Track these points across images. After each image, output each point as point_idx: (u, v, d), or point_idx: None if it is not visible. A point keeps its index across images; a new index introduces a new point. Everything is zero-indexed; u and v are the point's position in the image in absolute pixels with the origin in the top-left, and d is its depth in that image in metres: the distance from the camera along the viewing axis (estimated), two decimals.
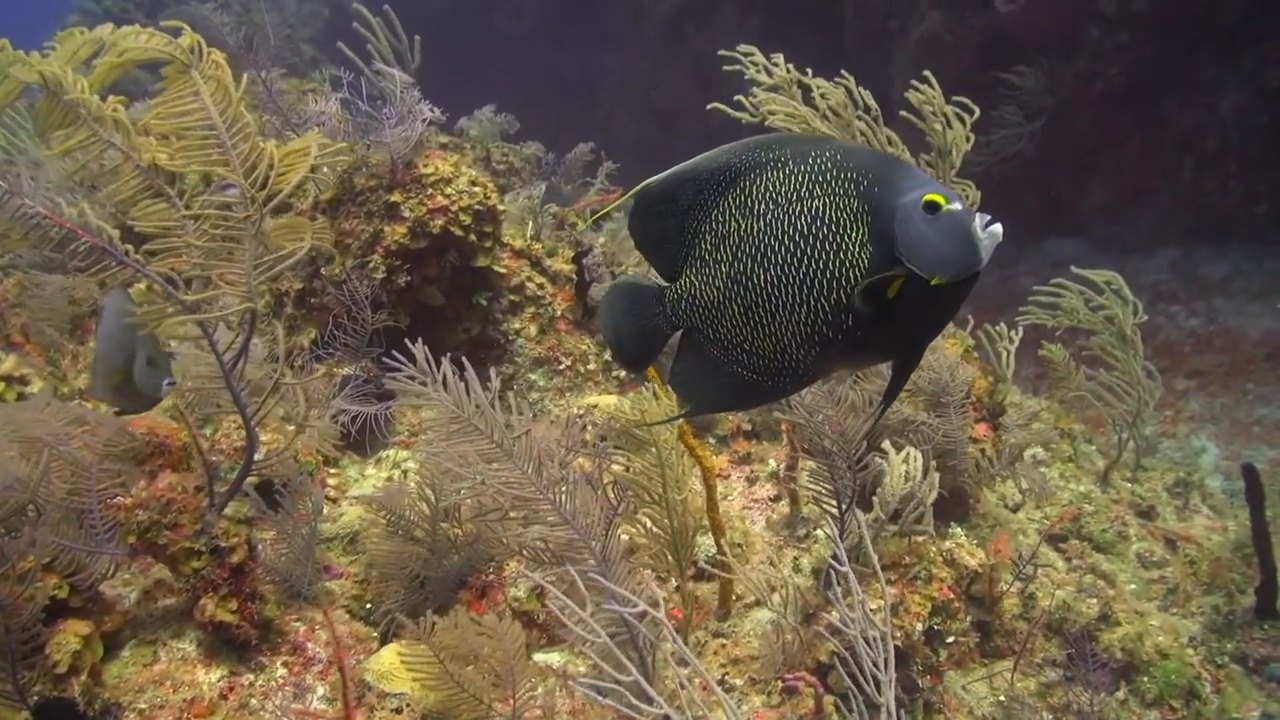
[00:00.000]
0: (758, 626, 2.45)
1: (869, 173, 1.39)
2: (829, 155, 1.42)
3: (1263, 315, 6.97)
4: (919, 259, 1.35)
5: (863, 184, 1.39)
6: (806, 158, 1.43)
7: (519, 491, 1.99)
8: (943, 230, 1.33)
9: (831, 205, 1.40)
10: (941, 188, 1.36)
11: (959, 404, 3.01)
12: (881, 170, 1.40)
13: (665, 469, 2.06)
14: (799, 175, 1.43)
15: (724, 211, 1.46)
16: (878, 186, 1.38)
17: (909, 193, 1.36)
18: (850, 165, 1.40)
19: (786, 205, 1.43)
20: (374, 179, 3.46)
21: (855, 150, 1.43)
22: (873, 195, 1.39)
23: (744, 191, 1.46)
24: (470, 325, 3.65)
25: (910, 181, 1.38)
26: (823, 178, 1.41)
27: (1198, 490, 4.40)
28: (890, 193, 1.38)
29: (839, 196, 1.40)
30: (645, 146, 11.57)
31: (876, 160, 1.42)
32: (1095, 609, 2.50)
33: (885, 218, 1.37)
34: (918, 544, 2.37)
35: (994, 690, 2.44)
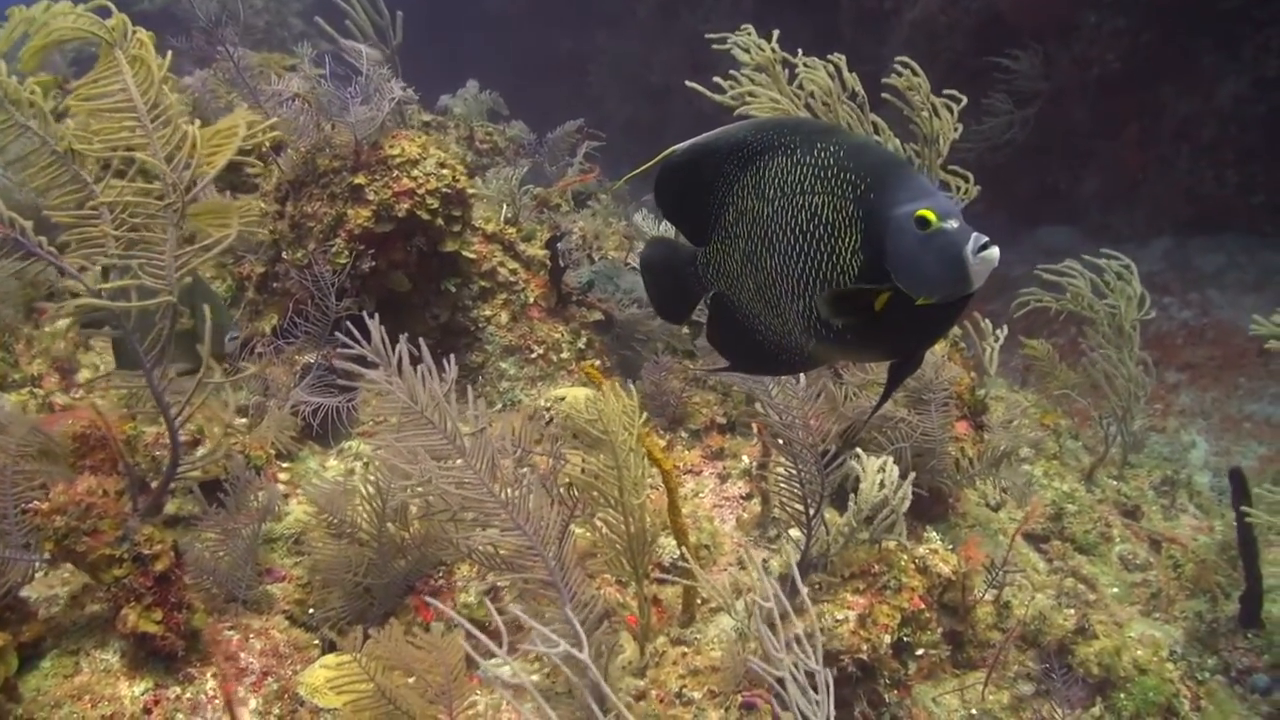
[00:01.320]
0: (722, 634, 2.35)
1: (868, 177, 1.33)
2: (833, 151, 1.37)
3: (1257, 309, 6.78)
4: (906, 277, 1.29)
5: (860, 188, 1.33)
6: (813, 149, 1.38)
7: (470, 493, 1.89)
8: (933, 249, 1.26)
9: (829, 206, 1.36)
10: (940, 201, 1.28)
11: (941, 402, 2.91)
12: (881, 175, 1.33)
13: (622, 471, 1.95)
14: (804, 167, 1.39)
15: (743, 188, 1.45)
16: (874, 193, 1.32)
17: (904, 204, 1.29)
18: (851, 165, 1.35)
19: (791, 197, 1.40)
20: (338, 160, 3.33)
21: (860, 148, 1.37)
22: (868, 201, 1.33)
23: (758, 173, 1.44)
24: (438, 312, 3.53)
25: (907, 191, 1.31)
26: (824, 174, 1.37)
27: (1185, 489, 4.33)
28: (885, 201, 1.32)
29: (837, 198, 1.35)
30: (638, 126, 11.42)
31: (878, 163, 1.35)
32: (1072, 621, 2.41)
33: (878, 227, 1.31)
34: (888, 551, 2.27)
35: (965, 703, 2.35)
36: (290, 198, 3.43)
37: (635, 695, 2.10)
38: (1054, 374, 4.17)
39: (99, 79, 1.76)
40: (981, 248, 1.23)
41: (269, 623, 2.03)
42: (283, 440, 2.94)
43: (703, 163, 1.47)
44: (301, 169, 3.40)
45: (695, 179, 1.48)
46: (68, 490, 1.74)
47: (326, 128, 3.38)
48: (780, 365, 1.55)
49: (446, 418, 1.89)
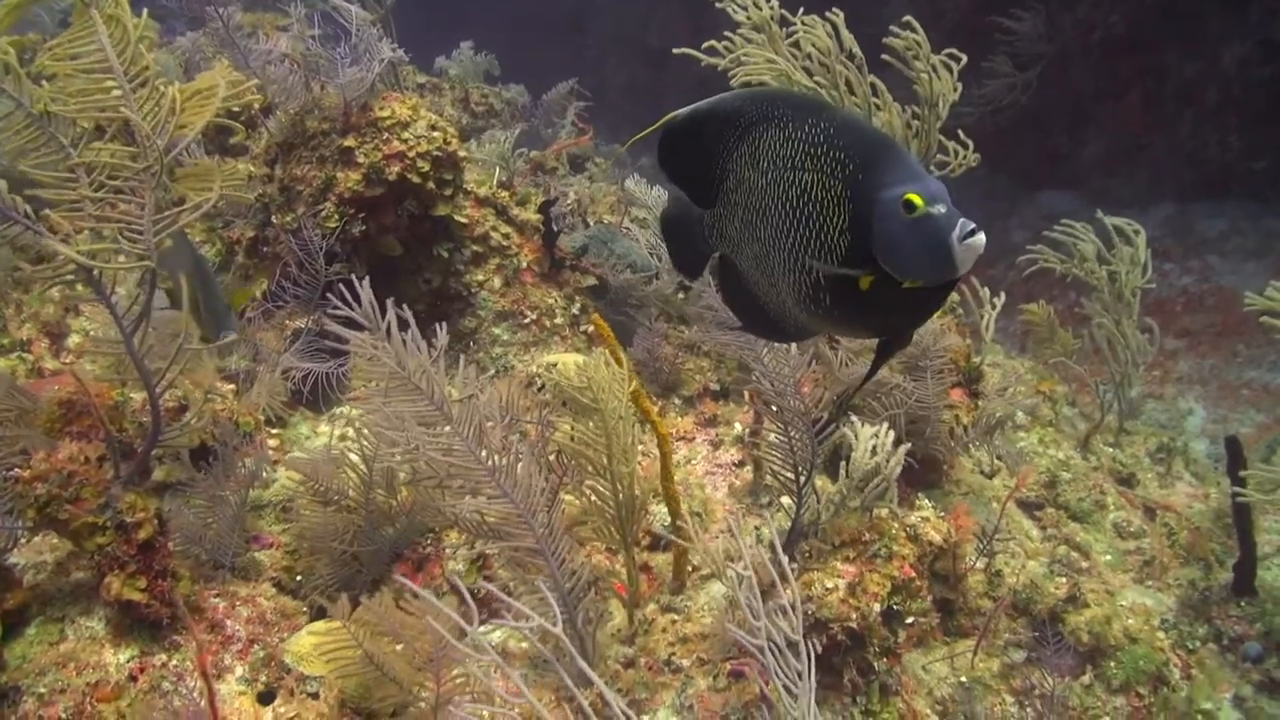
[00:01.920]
0: (712, 601, 2.35)
1: (857, 156, 1.32)
2: (823, 128, 1.36)
3: (1258, 275, 6.81)
4: (891, 260, 1.29)
5: (849, 167, 1.32)
6: (804, 124, 1.38)
7: (457, 460, 1.87)
8: (919, 234, 1.25)
9: (818, 184, 1.35)
10: (928, 184, 1.27)
11: (936, 369, 2.89)
12: (869, 155, 1.32)
13: (611, 438, 1.93)
14: (795, 142, 1.38)
15: (740, 157, 1.46)
16: (862, 174, 1.31)
17: (892, 186, 1.28)
18: (840, 144, 1.34)
19: (782, 171, 1.40)
20: (327, 122, 3.29)
21: (850, 126, 1.36)
22: (856, 182, 1.32)
23: (754, 144, 1.44)
24: (431, 277, 3.50)
25: (895, 173, 1.30)
26: (814, 151, 1.36)
27: (1181, 456, 4.31)
28: (873, 183, 1.31)
29: (826, 176, 1.35)
30: (637, 89, 11.30)
31: (867, 142, 1.34)
32: (1064, 589, 2.40)
33: (865, 208, 1.31)
34: (879, 519, 2.25)
35: (955, 671, 2.35)
36: (279, 161, 3.39)
37: (624, 663, 2.10)
38: (1053, 339, 4.14)
39: (74, 38, 1.72)
40: (968, 234, 1.22)
41: (256, 590, 2.02)
42: (274, 406, 2.92)
43: (703, 129, 1.47)
44: (290, 131, 3.35)
45: (697, 144, 1.48)
46: (49, 457, 1.72)
47: (316, 89, 3.33)
48: (779, 332, 1.57)
49: (434, 384, 1.86)
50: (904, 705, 2.18)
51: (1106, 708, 2.21)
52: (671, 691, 2.03)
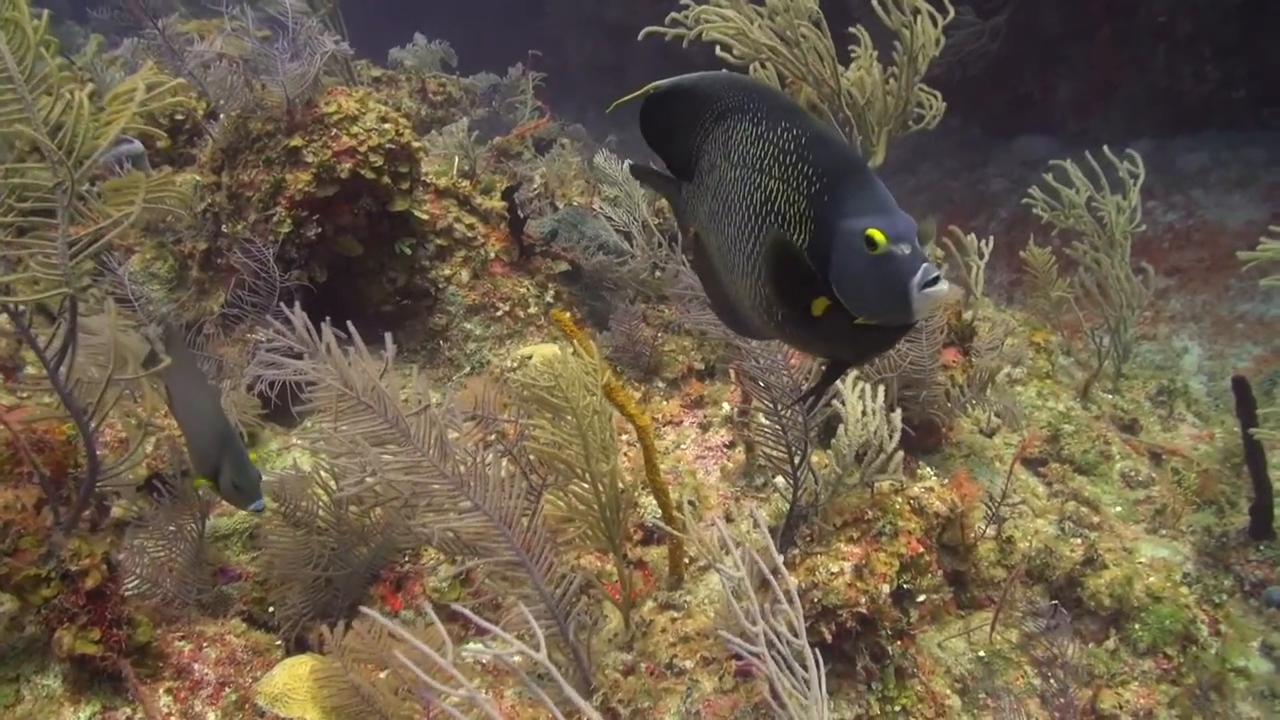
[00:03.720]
0: (713, 594, 2.23)
1: (824, 176, 1.25)
2: (794, 136, 1.28)
3: (1243, 206, 6.72)
4: (846, 293, 1.23)
5: (815, 186, 1.25)
6: (778, 125, 1.30)
7: (421, 478, 1.74)
8: (878, 273, 1.18)
9: (782, 195, 1.28)
10: (894, 221, 1.19)
11: (930, 329, 2.76)
12: (837, 177, 1.24)
13: (586, 436, 1.80)
14: (766, 144, 1.31)
15: (714, 142, 1.39)
16: (828, 195, 1.24)
17: (856, 215, 1.21)
18: (810, 158, 1.26)
19: (750, 171, 1.33)
20: (271, 123, 3.13)
21: (821, 139, 1.27)
22: (820, 203, 1.24)
23: (727, 133, 1.37)
24: (395, 275, 3.35)
25: (862, 202, 1.22)
26: (783, 160, 1.28)
27: (1181, 397, 4.21)
28: (837, 207, 1.23)
29: (791, 190, 1.27)
30: (599, 68, 11.12)
31: (837, 162, 1.26)
32: (1080, 551, 2.29)
33: (826, 233, 1.24)
34: (881, 494, 2.13)
35: (972, 645, 2.23)
36: (225, 167, 3.23)
37: (623, 670, 1.98)
38: (1049, 284, 4.01)
39: None
40: (930, 282, 1.15)
41: (224, 628, 1.89)
42: (247, 421, 2.79)
43: (682, 104, 1.41)
44: (234, 135, 3.19)
45: (676, 118, 1.42)
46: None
47: (257, 88, 3.17)
48: (740, 325, 1.52)
49: (385, 401, 1.73)
50: (922, 687, 2.07)
51: (1134, 672, 2.10)
52: (676, 697, 1.91)
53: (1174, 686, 2.10)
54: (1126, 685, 2.09)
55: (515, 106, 6.13)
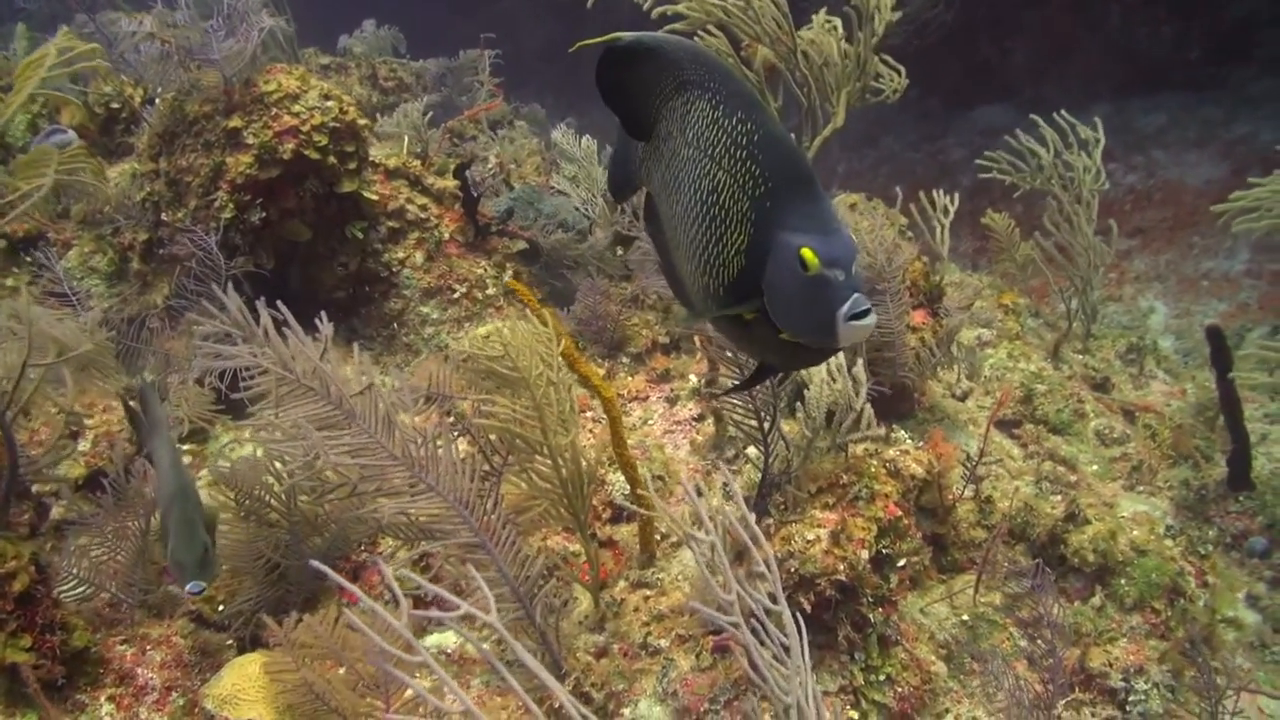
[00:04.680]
0: (687, 570, 2.14)
1: (769, 181, 1.19)
2: (749, 130, 1.22)
3: (1201, 164, 6.73)
4: (774, 306, 1.19)
5: (759, 190, 1.20)
6: (734, 114, 1.24)
7: (369, 459, 1.63)
8: (807, 294, 1.14)
9: (729, 190, 1.23)
10: (832, 242, 1.14)
11: (895, 290, 2.69)
12: (783, 184, 1.19)
13: (543, 409, 1.71)
14: (720, 132, 1.25)
15: (674, 111, 1.32)
16: (769, 201, 1.19)
17: (795, 230, 1.16)
18: (760, 158, 1.20)
19: (702, 156, 1.27)
20: (209, 104, 2.99)
21: (774, 141, 1.21)
22: (762, 209, 1.20)
23: (685, 107, 1.31)
24: (346, 260, 3.24)
25: (803, 216, 1.17)
26: (734, 153, 1.23)
27: (1151, 355, 4.19)
28: (777, 218, 1.18)
29: (736, 187, 1.22)
30: (555, 51, 10.95)
31: (786, 168, 1.20)
32: (1060, 508, 2.22)
33: (764, 240, 1.19)
34: (856, 458, 2.06)
35: (955, 610, 2.17)
36: (163, 153, 3.09)
37: (595, 652, 1.89)
38: (1011, 248, 3.97)
39: None
40: (857, 314, 1.12)
41: (170, 629, 1.78)
42: (202, 416, 2.66)
43: (645, 65, 1.34)
44: (170, 119, 3.06)
45: (635, 77, 1.35)
46: None
47: (193, 69, 3.03)
48: (685, 299, 1.46)
49: (328, 381, 1.62)
50: (906, 655, 2.00)
51: (1123, 628, 2.05)
52: (651, 678, 1.82)
53: (1163, 641, 2.04)
54: (1115, 642, 2.04)
55: (470, 88, 6.00)
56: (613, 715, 1.79)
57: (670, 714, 1.77)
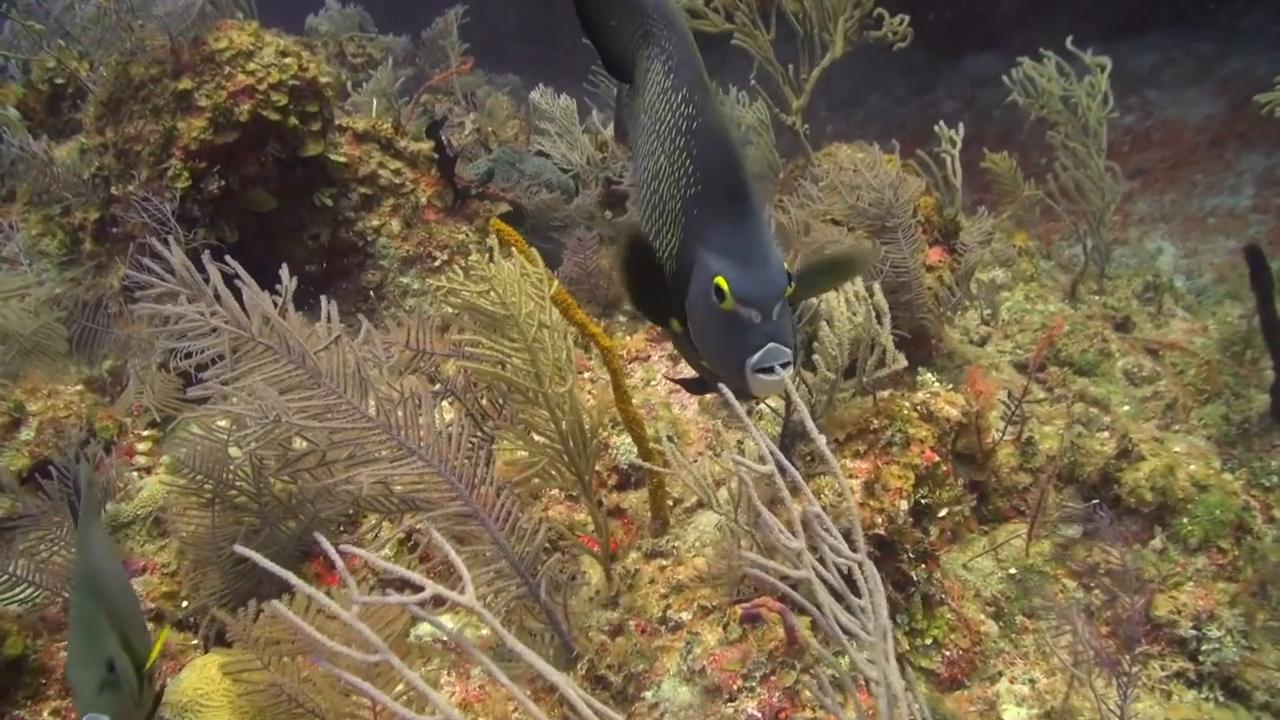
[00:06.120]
0: (704, 535, 1.94)
1: (701, 184, 0.99)
2: (688, 115, 1.02)
3: (1199, 101, 6.53)
4: (693, 329, 1.01)
5: (689, 191, 1.00)
6: (678, 92, 1.03)
7: (340, 423, 1.42)
8: (720, 329, 0.96)
9: (666, 182, 1.03)
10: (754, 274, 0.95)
11: (907, 226, 2.48)
12: (709, 190, 0.99)
13: (535, 352, 1.50)
14: (665, 108, 1.05)
15: (642, 63, 1.13)
16: (698, 209, 0.99)
17: (716, 251, 0.96)
18: (694, 153, 1.00)
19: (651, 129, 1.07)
20: (155, 65, 2.76)
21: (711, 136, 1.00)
22: (690, 214, 1.00)
23: (646, 63, 1.11)
24: (317, 230, 3.02)
25: (721, 234, 0.97)
26: (673, 139, 1.03)
27: (1169, 292, 4.00)
28: (703, 231, 0.98)
29: (671, 180, 1.02)
30: (528, 32, 10.70)
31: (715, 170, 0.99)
32: (1111, 445, 2.03)
33: (689, 249, 1.00)
34: (886, 401, 1.85)
35: (1001, 563, 1.97)
36: (110, 123, 2.86)
37: (610, 630, 1.69)
38: (1016, 189, 3.77)
39: None
40: (765, 369, 0.94)
41: None
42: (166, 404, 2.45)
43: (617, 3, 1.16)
44: (115, 85, 2.83)
45: (610, 15, 1.18)
46: None
47: (136, 28, 2.80)
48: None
49: (287, 335, 1.41)
50: (953, 615, 1.80)
51: (1188, 571, 1.85)
52: (674, 655, 1.62)
53: (1232, 583, 1.85)
54: (1180, 587, 1.84)
55: (443, 58, 5.77)
56: (633, 699, 1.59)
57: (698, 694, 1.57)
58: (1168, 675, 1.78)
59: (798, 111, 3.00)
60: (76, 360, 2.69)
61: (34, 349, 2.23)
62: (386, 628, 1.41)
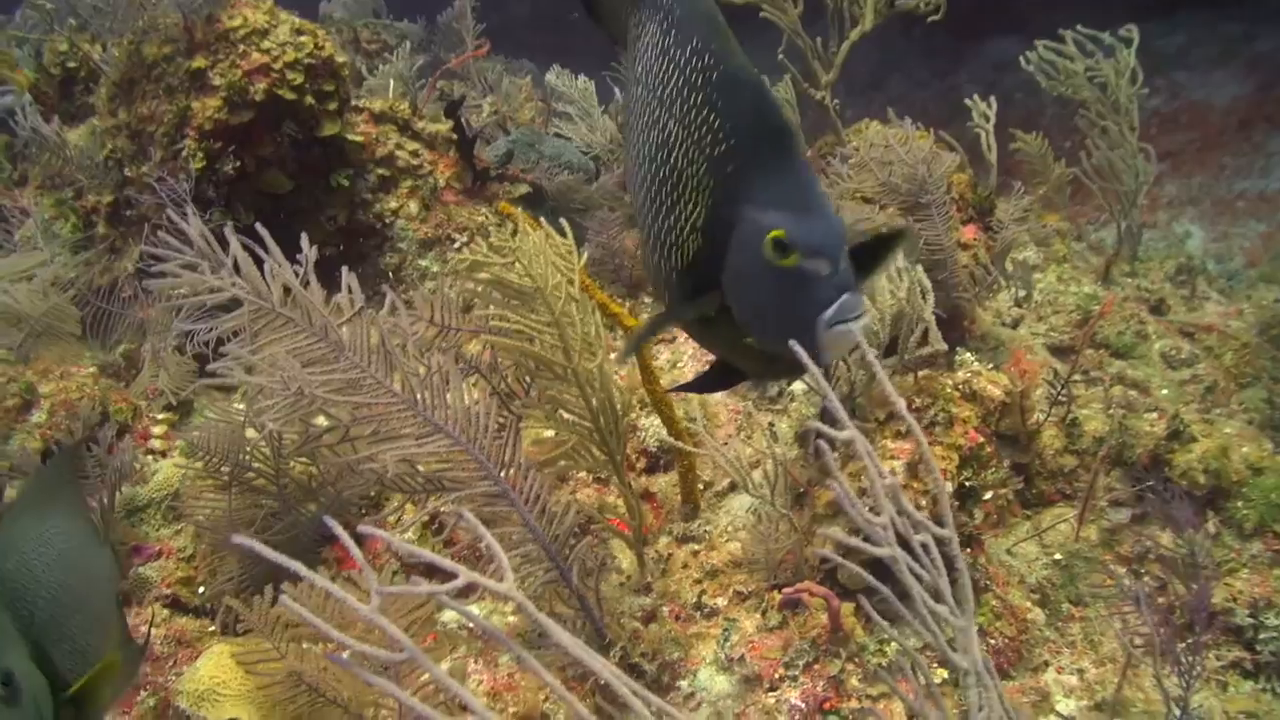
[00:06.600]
0: (737, 519, 1.87)
1: (735, 137, 0.87)
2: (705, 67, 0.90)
3: (1228, 83, 6.41)
4: (739, 304, 0.90)
5: (719, 148, 0.88)
6: (687, 44, 0.91)
7: (364, 397, 1.36)
8: (781, 290, 0.85)
9: (681, 148, 0.91)
10: (816, 222, 0.84)
11: (941, 203, 2.41)
12: (747, 142, 0.87)
13: (563, 327, 1.43)
14: (670, 66, 0.93)
15: (635, 29, 1.02)
16: (732, 164, 0.87)
17: (765, 205, 0.85)
18: (720, 106, 0.88)
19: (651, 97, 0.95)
20: (168, 44, 2.70)
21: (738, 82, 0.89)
22: (722, 173, 0.88)
23: (640, 26, 0.99)
24: (334, 213, 2.95)
25: (777, 186, 0.86)
26: (687, 96, 0.90)
27: (1203, 275, 3.91)
28: (744, 188, 0.87)
29: (691, 143, 0.90)
30: (542, 19, 10.62)
31: (757, 120, 0.88)
32: (1161, 425, 1.95)
33: (725, 215, 0.88)
34: (928, 379, 1.78)
35: (1046, 549, 1.89)
36: (123, 104, 2.81)
37: (643, 617, 1.62)
38: (1046, 169, 3.68)
39: None
40: (844, 319, 0.83)
41: (138, 618, 1.52)
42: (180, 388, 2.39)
43: None
44: (128, 65, 2.77)
45: None
46: None
47: (149, 6, 2.74)
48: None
49: (310, 307, 1.35)
50: (998, 602, 1.73)
51: (1243, 557, 1.78)
52: (710, 643, 1.55)
53: None
54: (1236, 574, 1.76)
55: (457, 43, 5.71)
56: (668, 689, 1.53)
57: (736, 684, 1.51)
58: (1223, 665, 1.70)
59: (828, 86, 2.92)
60: (91, 344, 2.64)
61: (45, 331, 2.18)
62: (411, 614, 1.35)
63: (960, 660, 0.78)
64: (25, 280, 2.28)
